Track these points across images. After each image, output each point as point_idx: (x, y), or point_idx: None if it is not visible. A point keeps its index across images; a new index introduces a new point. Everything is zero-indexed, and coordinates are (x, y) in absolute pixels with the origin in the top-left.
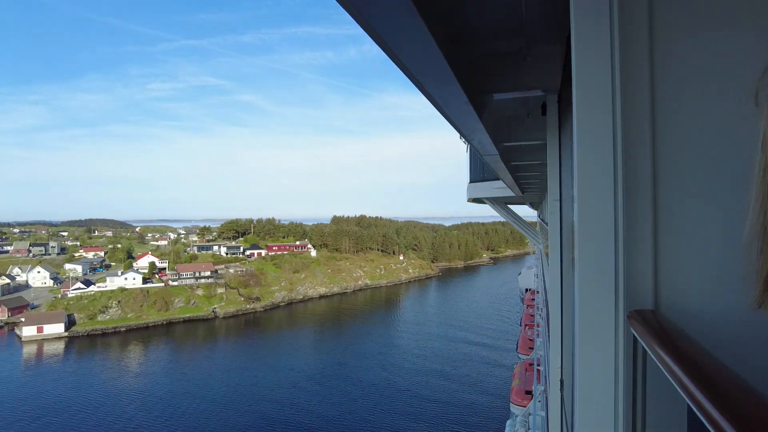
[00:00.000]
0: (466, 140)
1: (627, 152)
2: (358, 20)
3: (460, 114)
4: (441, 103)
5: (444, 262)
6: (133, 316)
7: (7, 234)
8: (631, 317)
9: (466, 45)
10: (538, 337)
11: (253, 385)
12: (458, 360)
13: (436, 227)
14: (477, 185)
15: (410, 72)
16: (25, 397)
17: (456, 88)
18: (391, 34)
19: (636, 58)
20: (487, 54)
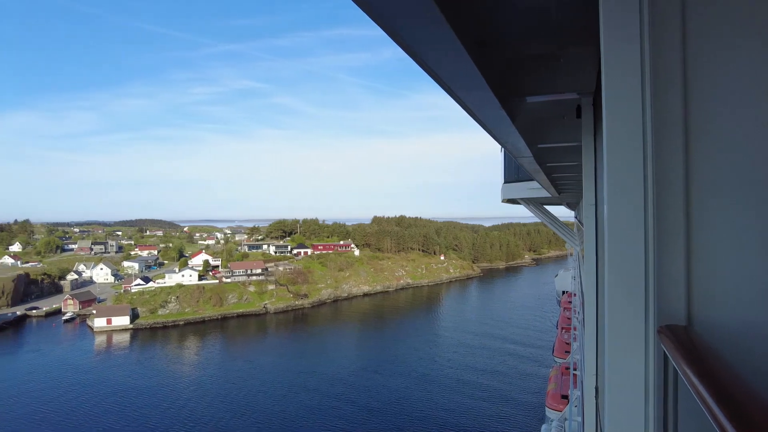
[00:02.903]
0: (499, 143)
1: (658, 157)
2: (385, 29)
3: (492, 118)
4: (473, 108)
5: (485, 262)
6: (190, 311)
7: (70, 233)
8: (661, 332)
9: (496, 48)
10: (575, 340)
11: (300, 378)
12: (497, 359)
13: (476, 227)
14: (512, 186)
15: (440, 78)
16: (97, 382)
17: (487, 93)
18: (418, 43)
19: (667, 59)
20: (519, 57)
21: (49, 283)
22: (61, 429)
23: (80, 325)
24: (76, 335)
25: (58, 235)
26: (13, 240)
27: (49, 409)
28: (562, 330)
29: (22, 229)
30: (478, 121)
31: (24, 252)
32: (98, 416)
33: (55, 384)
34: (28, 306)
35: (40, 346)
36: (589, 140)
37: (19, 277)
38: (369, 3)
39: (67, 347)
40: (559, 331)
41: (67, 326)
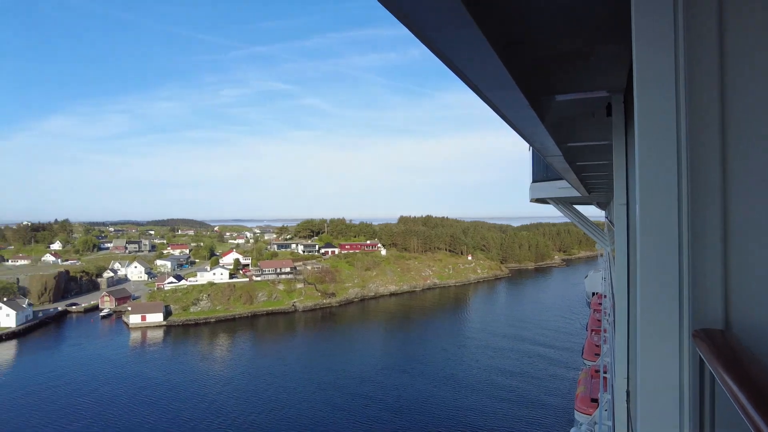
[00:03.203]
0: (528, 142)
1: (694, 156)
2: (412, 30)
3: (520, 117)
4: (501, 108)
5: (514, 263)
6: (222, 309)
7: (105, 233)
8: (697, 336)
9: (525, 47)
10: (605, 343)
11: (329, 377)
12: (524, 361)
13: (504, 227)
14: (540, 185)
15: (467, 78)
16: (132, 375)
17: (515, 92)
18: (446, 43)
19: (703, 55)
20: (548, 55)
21: (87, 280)
22: (98, 419)
23: (116, 321)
24: (113, 331)
25: (95, 234)
26: (54, 239)
27: (89, 400)
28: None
29: (62, 228)
30: (506, 121)
31: (64, 250)
32: (133, 408)
33: (94, 376)
34: (68, 302)
35: (80, 341)
36: (620, 139)
37: (60, 274)
38: (395, 4)
39: (105, 342)
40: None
41: (104, 322)
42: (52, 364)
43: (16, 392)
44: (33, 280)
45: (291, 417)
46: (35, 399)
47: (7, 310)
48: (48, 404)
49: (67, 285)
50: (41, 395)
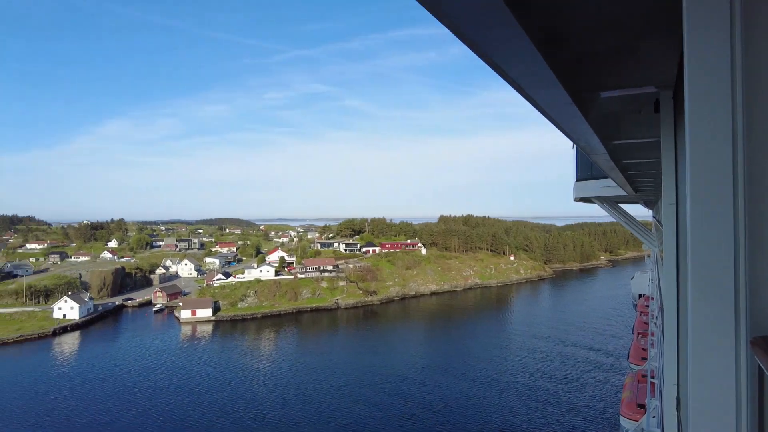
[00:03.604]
0: (571, 140)
1: (751, 152)
2: (452, 28)
3: (563, 115)
4: (543, 106)
5: (558, 263)
6: (268, 305)
7: (157, 231)
8: (756, 344)
9: (567, 43)
10: (653, 347)
11: (370, 373)
12: (567, 364)
13: (548, 227)
14: (584, 184)
15: (508, 77)
16: (183, 366)
17: (558, 89)
18: (486, 42)
19: (763, 47)
20: (592, 51)
21: (141, 276)
22: (152, 406)
23: (168, 315)
24: (165, 325)
25: (147, 233)
26: (111, 237)
27: (143, 389)
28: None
29: (117, 227)
30: (549, 119)
31: (119, 248)
32: (182, 398)
33: (148, 367)
34: (124, 297)
35: (136, 333)
36: (669, 136)
37: (117, 270)
38: (434, 3)
39: (158, 335)
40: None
41: (157, 316)
42: (111, 355)
43: (82, 378)
44: (93, 275)
45: (333, 412)
46: (98, 385)
47: (72, 303)
48: (107, 391)
49: (123, 281)
50: (102, 382)
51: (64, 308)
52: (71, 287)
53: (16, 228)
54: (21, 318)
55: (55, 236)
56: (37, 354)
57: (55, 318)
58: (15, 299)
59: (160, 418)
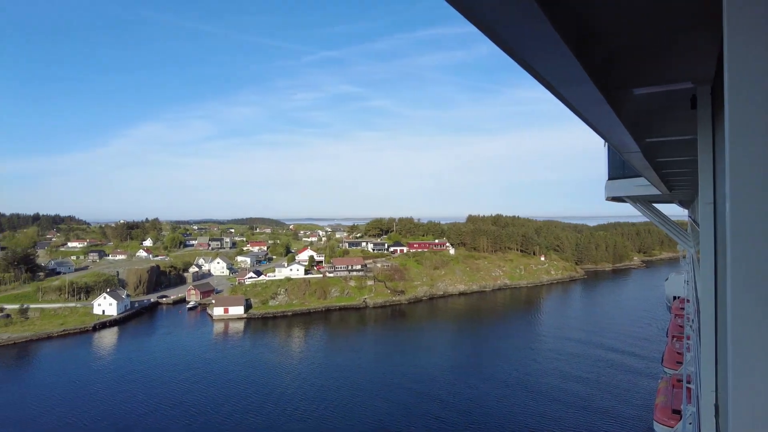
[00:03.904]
0: (603, 138)
1: None
2: (481, 27)
3: (595, 113)
4: (574, 104)
5: (589, 264)
6: (298, 303)
7: (190, 230)
8: None
9: (600, 40)
10: (688, 351)
11: (394, 374)
12: (598, 367)
13: (579, 227)
14: (616, 183)
15: (538, 75)
16: (216, 362)
17: (589, 87)
18: (516, 40)
19: None
20: (625, 47)
21: (174, 274)
22: (185, 399)
23: (201, 312)
24: (199, 321)
25: (181, 232)
26: (146, 236)
27: (179, 382)
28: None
29: (152, 226)
30: (580, 117)
31: (154, 247)
32: (215, 392)
33: (183, 362)
34: (159, 294)
35: (170, 330)
36: (707, 133)
37: (152, 268)
38: (463, 2)
39: (192, 332)
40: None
41: (191, 313)
42: (147, 350)
43: (120, 372)
44: (130, 273)
45: (362, 411)
46: (135, 378)
47: (110, 300)
48: (144, 385)
49: (158, 278)
50: (139, 376)
51: (103, 304)
52: (109, 284)
53: (58, 227)
54: (64, 313)
55: (94, 235)
56: (80, 348)
57: (95, 314)
58: (58, 295)
59: (194, 411)
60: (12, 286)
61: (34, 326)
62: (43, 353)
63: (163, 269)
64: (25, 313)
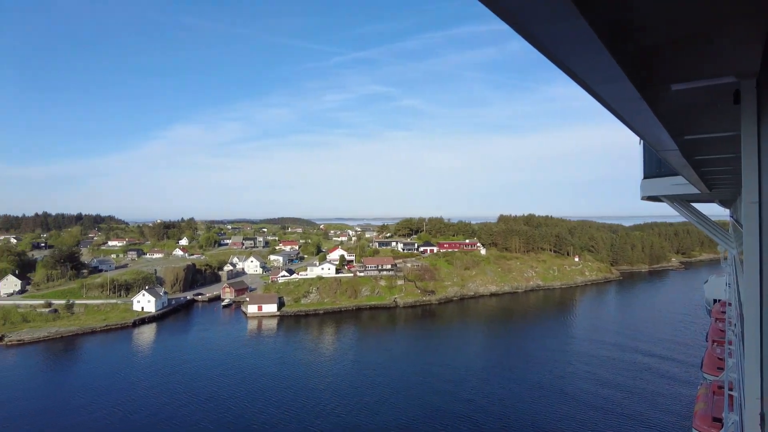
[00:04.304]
0: (639, 136)
1: None
2: (512, 24)
3: (630, 110)
4: (608, 101)
5: (625, 265)
6: (329, 301)
7: (224, 230)
8: None
9: (636, 34)
10: (730, 356)
11: (424, 374)
12: (634, 372)
13: (615, 227)
14: (652, 182)
15: (572, 72)
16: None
17: (625, 83)
18: (548, 37)
19: None
20: (662, 41)
21: (210, 273)
22: (223, 392)
23: (236, 310)
24: (233, 318)
25: (215, 232)
26: (182, 235)
27: (215, 376)
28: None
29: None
30: (614, 114)
31: (190, 246)
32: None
33: (218, 357)
34: (194, 292)
35: (206, 326)
36: (752, 129)
37: (188, 267)
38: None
39: (227, 328)
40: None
41: (226, 311)
42: (185, 345)
43: (159, 365)
44: (167, 271)
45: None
46: (174, 371)
47: (149, 297)
48: (181, 378)
49: (194, 276)
50: (178, 369)
51: (142, 301)
52: (148, 282)
53: (99, 227)
54: (106, 309)
55: (133, 234)
56: (121, 342)
57: (134, 310)
58: (101, 292)
59: (228, 404)
60: (59, 282)
61: (79, 321)
62: (87, 347)
63: (199, 267)
64: (71, 308)
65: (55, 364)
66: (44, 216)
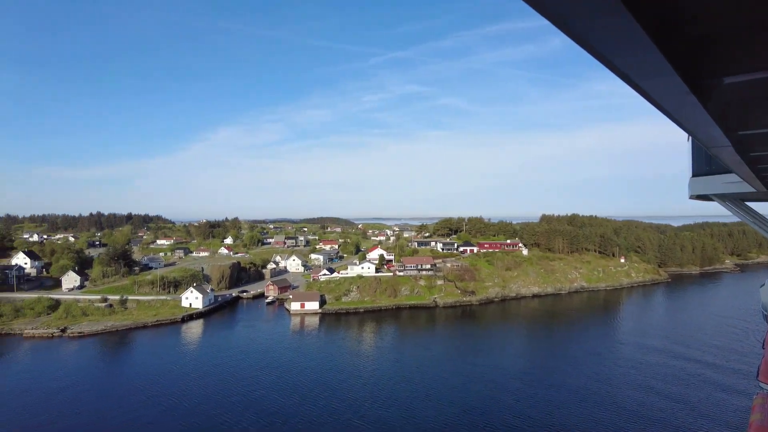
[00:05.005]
0: (687, 132)
1: None
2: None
3: (679, 106)
4: (655, 97)
5: (674, 267)
6: (369, 300)
7: (266, 229)
8: None
9: (684, 25)
10: None
11: (461, 376)
12: (683, 380)
13: (662, 227)
14: (702, 180)
15: (615, 67)
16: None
17: (672, 78)
18: (589, 31)
19: None
20: (715, 31)
21: (254, 271)
22: (274, 386)
23: (279, 307)
24: (277, 315)
25: (258, 231)
26: (227, 234)
27: (262, 371)
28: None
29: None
30: (661, 110)
31: (234, 244)
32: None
33: (264, 351)
34: (239, 289)
35: (252, 323)
36: None
37: (234, 265)
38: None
39: (271, 325)
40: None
41: (269, 308)
42: (232, 341)
43: (209, 358)
44: (213, 269)
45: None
46: (222, 364)
47: (197, 294)
48: (232, 373)
49: (239, 274)
50: (226, 363)
51: (190, 298)
52: (195, 279)
53: (148, 226)
54: (156, 305)
55: (179, 233)
56: (171, 337)
57: (183, 306)
58: (151, 288)
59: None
60: (113, 279)
61: (132, 316)
62: (140, 340)
63: (243, 266)
64: (124, 303)
65: (112, 355)
66: (98, 216)
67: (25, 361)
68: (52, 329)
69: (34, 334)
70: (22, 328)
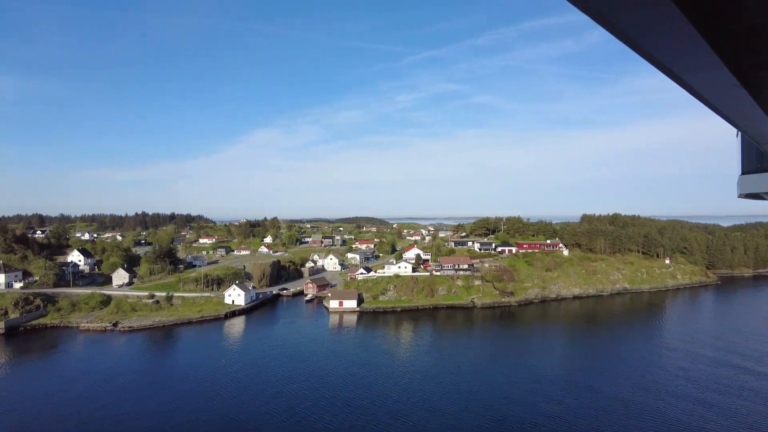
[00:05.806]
0: (736, 127)
1: None
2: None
3: (727, 100)
4: (701, 91)
5: (724, 269)
6: (406, 299)
7: (304, 228)
8: None
9: (735, 18)
10: None
11: (496, 380)
12: (735, 390)
13: (710, 227)
14: (752, 177)
15: (658, 62)
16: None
17: (720, 71)
18: (631, 25)
19: None
20: (764, 23)
21: (293, 269)
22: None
23: (318, 305)
24: (316, 313)
25: (296, 230)
26: (266, 233)
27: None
28: None
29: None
30: (708, 104)
31: (274, 243)
32: (335, 375)
33: (305, 346)
34: (279, 287)
35: (292, 320)
36: None
37: (274, 263)
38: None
39: (311, 322)
40: None
41: (308, 305)
42: (274, 336)
43: (252, 352)
44: (254, 267)
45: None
46: (266, 362)
47: (239, 291)
48: (274, 367)
49: (279, 272)
50: (269, 359)
51: (233, 295)
52: (237, 277)
53: (190, 225)
54: (201, 302)
55: (221, 233)
56: (215, 332)
57: (226, 303)
58: (195, 285)
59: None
60: (159, 276)
61: (178, 312)
62: (185, 335)
63: (283, 264)
64: (170, 300)
65: (160, 348)
66: (143, 215)
67: (82, 352)
68: (105, 323)
69: (89, 327)
70: (78, 321)
